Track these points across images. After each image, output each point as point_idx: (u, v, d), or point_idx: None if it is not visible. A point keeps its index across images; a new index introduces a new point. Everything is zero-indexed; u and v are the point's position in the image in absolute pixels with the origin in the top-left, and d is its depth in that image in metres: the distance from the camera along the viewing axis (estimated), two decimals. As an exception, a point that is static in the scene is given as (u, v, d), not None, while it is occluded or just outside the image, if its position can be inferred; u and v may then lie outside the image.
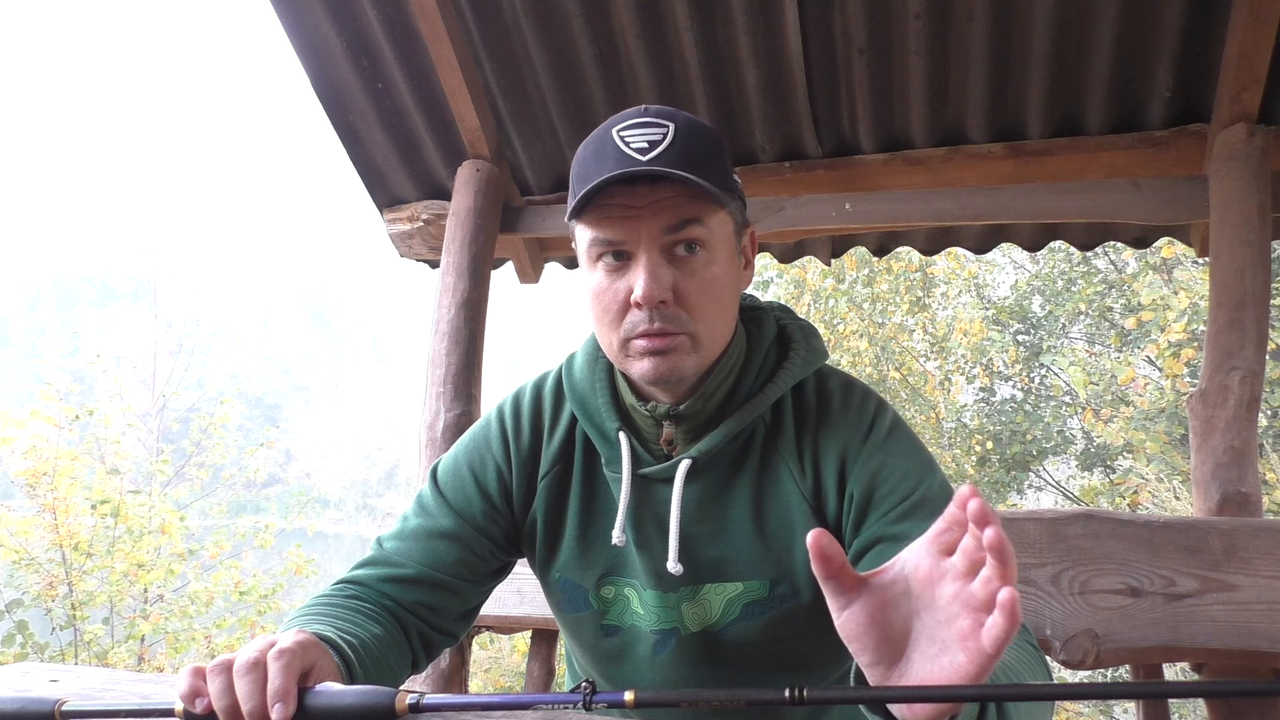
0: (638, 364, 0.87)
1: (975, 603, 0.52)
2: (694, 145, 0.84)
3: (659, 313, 0.84)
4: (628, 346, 0.87)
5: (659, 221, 0.83)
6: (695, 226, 0.84)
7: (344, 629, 0.84)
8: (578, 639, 1.05)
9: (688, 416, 0.92)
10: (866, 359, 7.97)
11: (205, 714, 0.69)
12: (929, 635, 0.56)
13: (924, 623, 0.56)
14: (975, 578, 0.53)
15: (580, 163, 0.87)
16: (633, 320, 0.85)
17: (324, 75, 2.30)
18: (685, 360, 0.86)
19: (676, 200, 0.83)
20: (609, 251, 0.85)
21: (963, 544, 0.54)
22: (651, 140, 0.83)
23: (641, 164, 0.81)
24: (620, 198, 0.83)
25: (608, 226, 0.84)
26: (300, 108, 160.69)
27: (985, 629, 0.51)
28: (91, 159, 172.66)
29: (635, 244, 0.84)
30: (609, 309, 0.87)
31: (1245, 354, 1.77)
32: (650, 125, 0.84)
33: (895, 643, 0.58)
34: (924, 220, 2.18)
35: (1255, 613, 1.38)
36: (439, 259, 2.36)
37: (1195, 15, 1.87)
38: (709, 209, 0.85)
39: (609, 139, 0.85)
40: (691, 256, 0.85)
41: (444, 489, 1.02)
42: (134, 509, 5.47)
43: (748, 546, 0.94)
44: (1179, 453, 5.70)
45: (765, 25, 2.04)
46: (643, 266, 0.83)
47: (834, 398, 0.96)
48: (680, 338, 0.85)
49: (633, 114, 0.86)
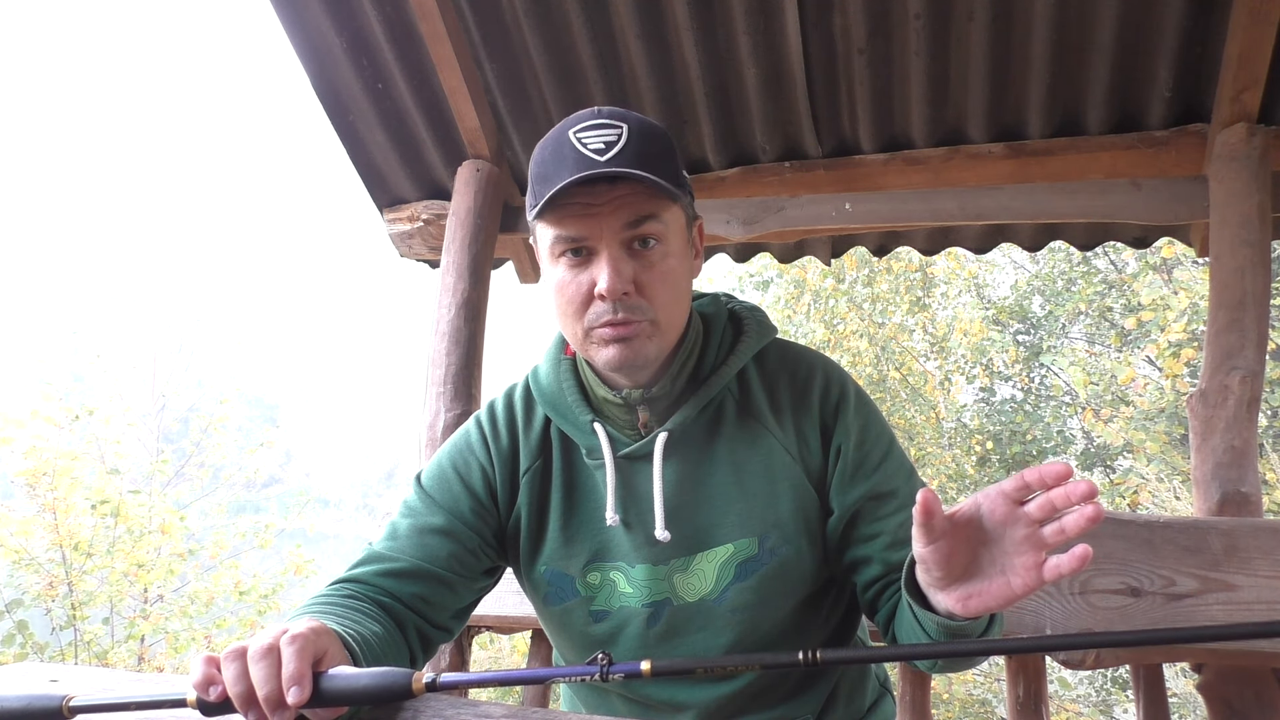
0: (603, 351, 0.92)
1: (1041, 544, 0.70)
2: (647, 145, 0.89)
3: (622, 304, 0.89)
4: (591, 335, 0.92)
5: (619, 218, 0.88)
6: (652, 223, 0.89)
7: (346, 625, 0.84)
8: (566, 630, 1.06)
9: (659, 398, 0.97)
10: (866, 359, 7.97)
11: (219, 701, 0.69)
12: (991, 560, 0.74)
13: (990, 552, 0.74)
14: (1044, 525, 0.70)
15: (539, 164, 0.91)
16: (596, 311, 0.90)
17: (324, 75, 2.30)
18: (647, 345, 0.91)
19: (634, 198, 0.88)
20: (571, 248, 0.90)
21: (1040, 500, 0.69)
22: (607, 141, 0.87)
23: (600, 164, 0.86)
24: (581, 196, 0.87)
25: (570, 224, 0.88)
26: (300, 108, 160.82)
27: (1049, 565, 0.69)
28: (91, 158, 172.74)
29: (597, 240, 0.89)
30: (573, 301, 0.91)
31: (1245, 354, 1.77)
32: (604, 127, 0.88)
33: (960, 564, 0.74)
34: (924, 220, 2.19)
35: (1255, 613, 1.37)
36: (439, 259, 2.36)
37: (1195, 15, 1.87)
38: (664, 205, 0.90)
39: (566, 140, 0.89)
40: (648, 250, 0.90)
41: (430, 491, 1.04)
42: (134, 509, 5.48)
43: (732, 508, 0.98)
44: (1179, 453, 5.70)
45: (765, 25, 2.05)
46: (605, 261, 0.88)
47: (800, 361, 1.04)
48: (641, 324, 0.90)
49: (586, 115, 0.91)
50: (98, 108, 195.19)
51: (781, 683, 1.04)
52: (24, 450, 5.30)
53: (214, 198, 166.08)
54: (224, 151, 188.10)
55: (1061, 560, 0.68)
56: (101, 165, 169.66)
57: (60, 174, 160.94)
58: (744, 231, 2.27)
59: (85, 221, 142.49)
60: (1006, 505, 0.71)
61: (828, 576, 1.04)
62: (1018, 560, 0.71)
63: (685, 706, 1.02)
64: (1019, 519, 0.71)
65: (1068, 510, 0.68)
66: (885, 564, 0.96)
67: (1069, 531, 0.68)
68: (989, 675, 5.94)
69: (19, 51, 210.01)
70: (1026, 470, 0.69)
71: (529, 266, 2.63)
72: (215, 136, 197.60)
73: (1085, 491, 0.66)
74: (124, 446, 6.24)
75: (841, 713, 1.09)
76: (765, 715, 1.03)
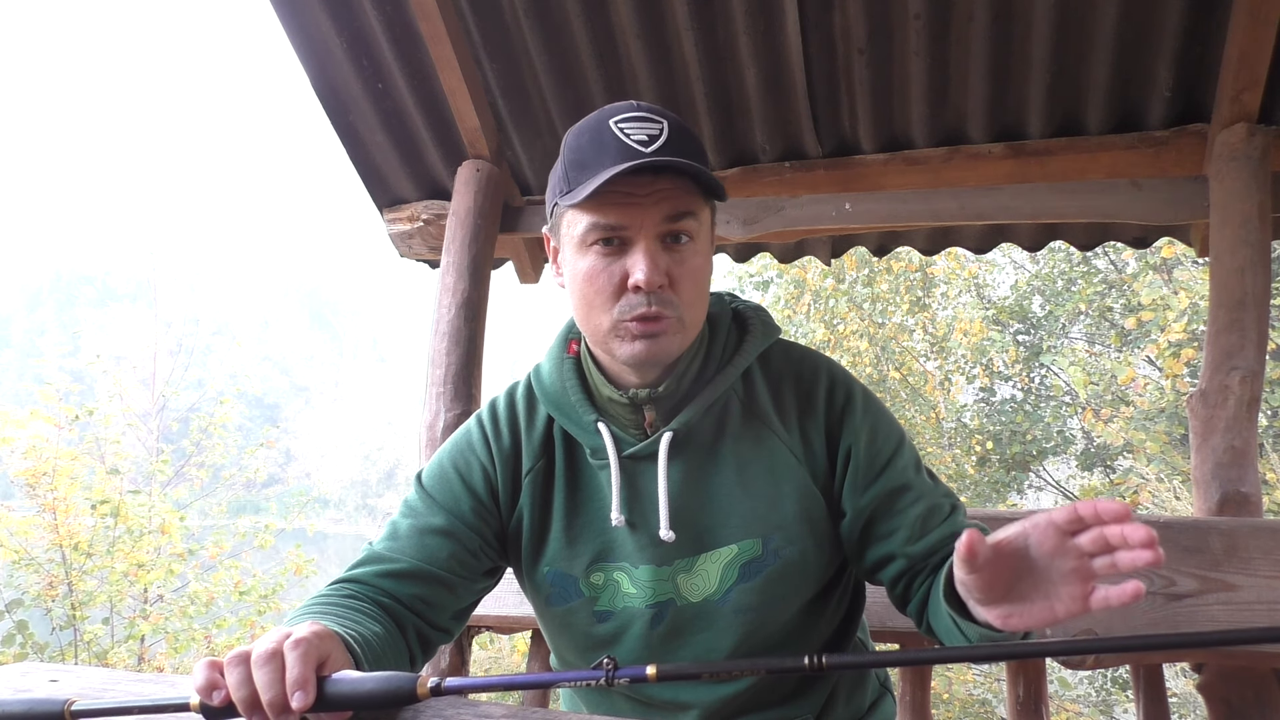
0: (628, 346, 0.91)
1: (1090, 575, 0.70)
2: (687, 143, 0.89)
3: (656, 297, 0.88)
4: (619, 328, 0.90)
5: (659, 210, 0.87)
6: (689, 219, 0.89)
7: (347, 626, 0.84)
8: (568, 632, 1.05)
9: (665, 397, 0.97)
10: (866, 359, 7.96)
11: (222, 706, 0.69)
12: (1034, 585, 0.73)
13: (1036, 578, 0.73)
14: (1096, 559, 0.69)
15: (575, 150, 0.90)
16: (630, 303, 0.89)
17: (324, 75, 2.30)
18: (672, 341, 0.91)
19: (674, 192, 0.88)
20: (604, 237, 0.88)
21: (1094, 534, 0.69)
22: (650, 134, 0.87)
23: (647, 155, 0.85)
24: (622, 185, 0.86)
25: (610, 212, 0.87)
26: (300, 108, 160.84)
27: (1097, 596, 0.69)
28: (91, 158, 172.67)
29: (635, 230, 0.88)
30: (603, 291, 0.90)
31: (1245, 354, 1.77)
32: (646, 120, 0.88)
33: (1003, 588, 0.75)
34: (924, 220, 2.19)
35: (1255, 613, 1.37)
36: (439, 259, 2.36)
37: (1195, 15, 1.87)
38: (700, 203, 0.90)
39: (606, 129, 0.88)
40: (681, 246, 0.90)
41: (431, 491, 1.04)
42: (134, 509, 5.47)
43: (736, 509, 0.98)
44: (1179, 453, 5.70)
45: (765, 25, 2.05)
46: (642, 253, 0.87)
47: (804, 363, 1.04)
48: (670, 320, 0.90)
49: (625, 108, 0.90)
50: (97, 107, 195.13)
51: (784, 683, 1.04)
52: (24, 450, 5.31)
53: (214, 197, 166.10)
54: (224, 151, 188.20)
55: (1111, 593, 0.68)
56: (102, 164, 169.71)
57: (60, 172, 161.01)
58: (744, 231, 2.27)
59: (85, 221, 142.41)
60: (1057, 537, 0.71)
61: (831, 577, 1.04)
62: (1064, 589, 0.71)
63: (688, 706, 1.02)
64: (1069, 550, 0.70)
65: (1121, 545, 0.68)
66: (908, 558, 0.97)
67: (1122, 568, 0.68)
68: (989, 675, 5.94)
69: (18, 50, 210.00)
70: (1081, 504, 0.69)
71: (529, 266, 2.62)
72: (215, 136, 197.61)
73: (1144, 539, 0.66)
74: (124, 446, 6.23)
75: (842, 712, 1.09)
76: (767, 714, 1.03)
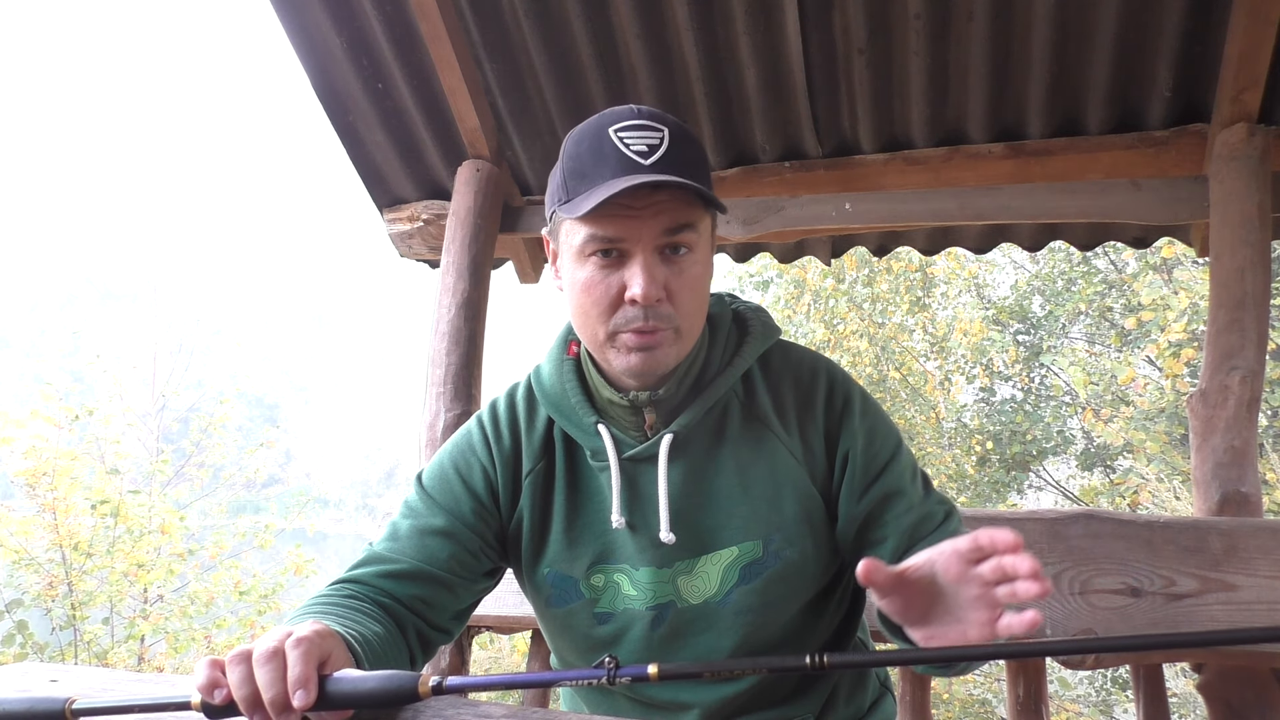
0: (623, 358, 0.91)
1: (995, 603, 0.73)
2: (688, 151, 0.88)
3: (652, 310, 0.88)
4: (615, 340, 0.90)
5: (658, 223, 0.86)
6: (688, 232, 0.88)
7: (348, 625, 0.84)
8: (569, 633, 1.05)
9: (665, 399, 0.97)
10: (866, 359, 7.96)
11: (224, 705, 0.69)
12: (947, 610, 0.77)
13: (946, 605, 0.77)
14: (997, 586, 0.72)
15: (574, 159, 0.89)
16: (625, 316, 0.89)
17: (324, 75, 2.30)
18: (669, 352, 0.91)
19: (673, 204, 0.87)
20: (602, 248, 0.88)
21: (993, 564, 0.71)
22: (650, 144, 0.86)
23: (645, 168, 0.84)
24: (621, 198, 0.85)
25: (608, 224, 0.86)
26: (300, 108, 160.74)
27: (1002, 623, 0.73)
28: (91, 159, 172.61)
29: (633, 243, 0.87)
30: (599, 303, 0.89)
31: (1245, 354, 1.77)
32: (645, 128, 0.87)
33: (918, 611, 0.78)
34: (924, 220, 2.19)
35: (1255, 613, 1.38)
36: (439, 259, 2.36)
37: (1195, 15, 1.87)
38: (699, 214, 0.89)
39: (606, 138, 0.87)
40: (680, 257, 0.89)
41: (431, 491, 1.04)
42: (134, 509, 5.47)
43: (737, 511, 0.98)
44: (1179, 453, 5.70)
45: (765, 25, 2.05)
46: (640, 266, 0.86)
47: (804, 365, 1.04)
48: (666, 332, 0.89)
49: (625, 114, 0.89)
50: (97, 106, 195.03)
51: (784, 682, 1.04)
52: (24, 450, 5.30)
53: (214, 197, 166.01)
54: (224, 150, 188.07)
55: (1013, 622, 0.71)
56: (102, 165, 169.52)
57: (59, 173, 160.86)
58: (744, 231, 2.27)
59: (84, 221, 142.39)
60: (961, 564, 0.74)
61: (831, 578, 1.04)
62: (973, 615, 0.75)
63: (689, 706, 1.02)
64: (973, 578, 0.73)
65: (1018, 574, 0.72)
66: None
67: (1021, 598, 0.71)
68: (989, 675, 5.94)
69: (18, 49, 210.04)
70: (980, 533, 0.73)
71: (529, 266, 2.62)
72: (215, 135, 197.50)
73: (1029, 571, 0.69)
74: (124, 446, 6.22)
75: (842, 712, 1.09)
76: (768, 714, 1.03)
